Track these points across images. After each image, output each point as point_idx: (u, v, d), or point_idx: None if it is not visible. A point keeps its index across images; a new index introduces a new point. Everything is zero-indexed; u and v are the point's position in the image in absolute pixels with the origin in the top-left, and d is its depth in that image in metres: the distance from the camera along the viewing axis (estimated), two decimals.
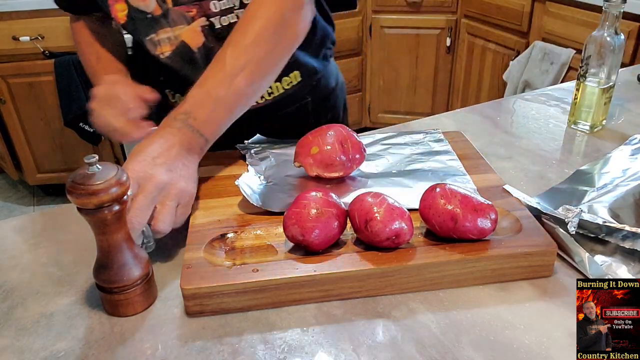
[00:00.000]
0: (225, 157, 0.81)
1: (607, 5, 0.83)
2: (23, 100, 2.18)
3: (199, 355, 0.52)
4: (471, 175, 0.74)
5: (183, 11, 0.78)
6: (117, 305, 0.56)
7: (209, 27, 0.80)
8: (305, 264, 0.58)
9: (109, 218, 0.52)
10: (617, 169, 0.76)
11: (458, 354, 0.51)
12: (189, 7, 0.78)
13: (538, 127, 0.95)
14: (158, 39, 0.81)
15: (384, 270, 0.57)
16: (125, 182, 0.52)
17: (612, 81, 0.89)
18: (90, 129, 2.18)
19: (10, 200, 2.58)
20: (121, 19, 0.80)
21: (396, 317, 0.56)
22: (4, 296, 0.61)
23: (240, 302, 0.56)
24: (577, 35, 1.97)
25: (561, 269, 0.61)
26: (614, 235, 0.62)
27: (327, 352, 0.52)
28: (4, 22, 2.05)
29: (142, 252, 0.58)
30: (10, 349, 0.54)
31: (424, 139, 0.84)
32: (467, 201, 0.59)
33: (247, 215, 0.67)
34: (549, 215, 0.64)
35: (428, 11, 2.56)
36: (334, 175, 0.73)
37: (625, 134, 0.90)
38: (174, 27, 0.80)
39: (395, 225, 0.57)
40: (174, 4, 0.78)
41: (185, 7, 0.78)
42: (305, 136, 0.74)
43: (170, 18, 0.79)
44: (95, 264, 0.56)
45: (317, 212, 0.58)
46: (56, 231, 0.71)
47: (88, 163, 0.52)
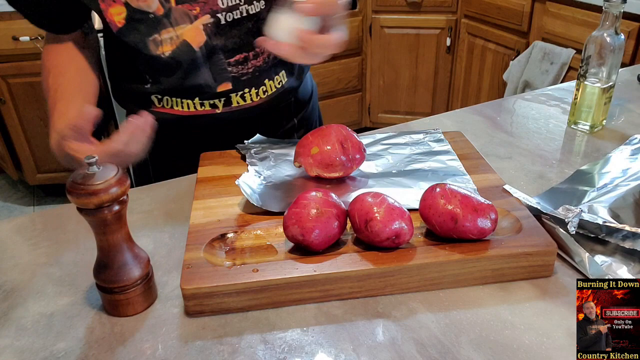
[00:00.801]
0: (225, 157, 0.81)
1: (607, 5, 0.83)
2: (23, 100, 2.18)
3: (199, 355, 0.52)
4: (471, 175, 0.74)
5: (186, 9, 0.78)
6: (118, 305, 0.56)
7: (214, 24, 0.79)
8: (305, 264, 0.58)
9: (109, 218, 0.52)
10: (617, 169, 0.76)
11: (458, 354, 0.51)
12: (192, 5, 0.77)
13: (538, 127, 0.95)
14: (161, 39, 0.80)
15: (384, 270, 0.57)
16: (126, 182, 0.52)
17: (612, 81, 0.89)
18: None
19: (10, 200, 2.58)
20: (118, 23, 0.78)
21: (396, 317, 0.56)
22: (4, 296, 0.61)
23: (240, 302, 0.56)
24: (577, 35, 1.97)
25: (561, 269, 0.61)
26: (614, 235, 0.62)
27: (327, 352, 0.52)
28: (4, 22, 2.05)
29: (142, 252, 0.58)
30: (10, 349, 0.54)
31: (424, 139, 0.84)
32: (467, 201, 0.59)
33: (247, 215, 0.67)
34: (549, 215, 0.64)
35: (428, 11, 2.56)
36: (334, 175, 0.73)
37: (625, 134, 0.90)
38: (176, 27, 0.79)
39: (395, 225, 0.57)
40: (177, 2, 0.77)
41: (189, 5, 0.77)
42: (305, 136, 0.74)
43: (173, 17, 0.78)
44: (95, 264, 0.56)
45: (317, 212, 0.58)
46: (56, 231, 0.71)
47: (88, 163, 0.52)
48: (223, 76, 0.84)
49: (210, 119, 0.88)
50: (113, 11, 0.77)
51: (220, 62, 0.83)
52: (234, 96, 0.86)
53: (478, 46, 2.48)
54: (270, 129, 0.93)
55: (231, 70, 0.84)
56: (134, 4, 0.77)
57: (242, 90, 0.86)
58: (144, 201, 0.77)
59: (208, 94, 0.85)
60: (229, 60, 0.83)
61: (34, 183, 2.45)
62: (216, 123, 0.89)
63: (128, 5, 0.77)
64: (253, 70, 0.86)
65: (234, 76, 0.85)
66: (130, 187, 0.56)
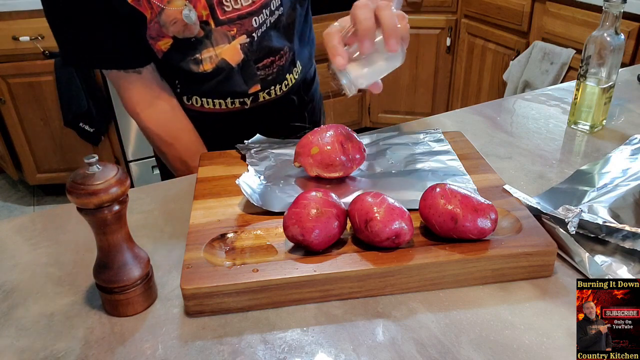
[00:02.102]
0: (225, 157, 0.81)
1: (607, 5, 0.83)
2: (23, 100, 2.18)
3: (199, 355, 0.52)
4: (471, 175, 0.74)
5: (225, 30, 0.83)
6: (118, 305, 0.56)
7: (249, 43, 0.85)
8: (305, 264, 0.58)
9: (109, 218, 0.52)
10: (617, 169, 0.76)
11: (458, 354, 0.51)
12: (230, 26, 0.82)
13: (538, 127, 0.95)
14: (201, 58, 0.85)
15: (384, 270, 0.57)
16: (126, 182, 0.52)
17: (612, 81, 0.89)
18: (90, 128, 2.18)
19: (10, 200, 2.58)
20: (164, 49, 0.83)
21: (396, 317, 0.56)
22: (4, 296, 0.61)
23: (240, 302, 0.56)
24: (577, 35, 1.97)
25: (561, 269, 0.61)
26: (614, 235, 0.62)
27: (327, 352, 0.52)
28: (4, 22, 2.05)
29: (142, 252, 0.58)
30: (10, 349, 0.54)
31: (424, 139, 0.84)
32: (467, 201, 0.59)
33: (247, 215, 0.67)
34: (549, 215, 0.64)
35: (428, 11, 2.56)
36: (334, 175, 0.73)
37: (625, 134, 0.90)
38: (215, 47, 0.84)
39: (395, 225, 0.57)
40: (215, 24, 0.81)
41: (227, 26, 0.82)
42: (305, 136, 0.74)
43: (213, 38, 0.83)
44: (95, 264, 0.56)
45: (317, 212, 0.58)
46: (56, 231, 0.71)
47: (88, 163, 0.51)
48: (254, 80, 0.91)
49: (237, 113, 0.94)
50: (161, 44, 0.82)
51: (251, 69, 0.89)
52: (261, 94, 0.93)
53: (478, 46, 2.48)
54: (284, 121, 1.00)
55: (259, 74, 0.90)
56: (180, 36, 0.81)
57: (268, 88, 0.93)
58: (144, 201, 0.77)
59: (239, 95, 0.91)
60: (257, 65, 0.90)
61: (34, 183, 2.45)
62: (241, 117, 0.95)
63: (175, 37, 0.81)
64: (277, 69, 0.92)
65: (262, 78, 0.91)
66: (133, 187, 0.56)
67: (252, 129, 0.86)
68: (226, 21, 0.82)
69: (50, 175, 2.40)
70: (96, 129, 2.20)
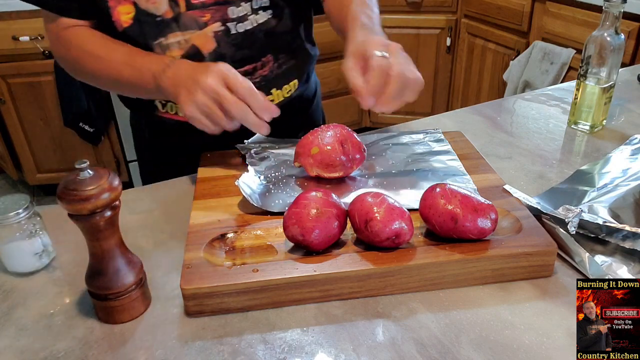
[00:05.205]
0: (225, 157, 0.81)
1: (607, 5, 0.83)
2: (23, 100, 2.18)
3: (199, 355, 0.52)
4: (471, 175, 0.74)
5: (196, 15, 0.78)
6: (112, 312, 0.56)
7: (223, 33, 0.80)
8: (305, 264, 0.58)
9: (102, 224, 0.52)
10: (617, 169, 0.76)
11: (458, 354, 0.51)
12: (202, 11, 0.77)
13: (538, 127, 0.95)
14: (167, 42, 0.80)
15: (384, 270, 0.57)
16: (117, 188, 0.52)
17: (612, 81, 0.89)
18: (90, 128, 2.18)
19: None
20: (125, 22, 0.78)
21: (396, 317, 0.56)
22: (4, 296, 0.61)
23: (240, 302, 0.56)
24: (577, 35, 1.97)
25: (561, 269, 0.61)
26: (614, 235, 0.62)
27: (327, 352, 0.52)
28: (4, 22, 2.05)
29: (135, 257, 0.57)
30: (10, 349, 0.54)
31: (424, 139, 0.84)
32: (467, 201, 0.59)
33: (247, 215, 0.67)
34: (549, 215, 0.64)
35: (428, 11, 2.56)
36: (334, 175, 0.73)
37: (625, 134, 0.90)
38: (184, 32, 0.79)
39: (395, 225, 0.57)
40: (187, 8, 0.77)
41: (199, 11, 0.77)
42: (305, 136, 0.74)
43: (182, 22, 0.78)
44: (88, 271, 0.55)
45: (317, 212, 0.58)
46: (56, 231, 0.71)
47: (79, 168, 0.50)
48: None
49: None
50: (121, 9, 0.77)
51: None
52: None
53: (478, 46, 2.48)
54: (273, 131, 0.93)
55: None
56: (142, 5, 0.76)
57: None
58: (144, 201, 0.77)
59: None
60: (237, 70, 0.83)
61: (34, 183, 2.45)
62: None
63: (136, 5, 0.76)
64: (260, 79, 0.86)
65: None
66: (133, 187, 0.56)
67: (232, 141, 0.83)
68: (199, 5, 0.77)
69: (50, 175, 2.40)
70: (96, 129, 2.20)
